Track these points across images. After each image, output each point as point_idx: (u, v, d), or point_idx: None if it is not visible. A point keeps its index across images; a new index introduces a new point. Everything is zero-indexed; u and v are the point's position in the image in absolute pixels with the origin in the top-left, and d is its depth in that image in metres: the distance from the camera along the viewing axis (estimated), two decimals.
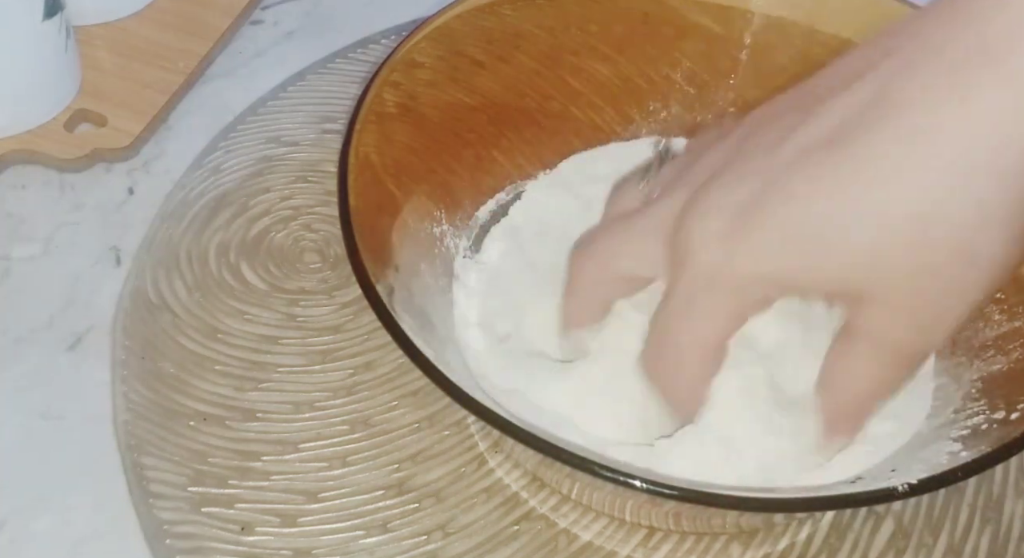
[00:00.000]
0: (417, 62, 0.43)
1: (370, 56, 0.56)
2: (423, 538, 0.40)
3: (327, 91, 0.54)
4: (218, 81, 0.56)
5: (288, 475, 0.41)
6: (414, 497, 0.41)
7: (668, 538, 0.40)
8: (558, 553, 0.40)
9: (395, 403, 0.43)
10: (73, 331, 0.46)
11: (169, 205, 0.50)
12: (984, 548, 0.41)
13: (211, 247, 0.48)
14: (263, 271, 0.47)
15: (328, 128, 0.52)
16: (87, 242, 0.49)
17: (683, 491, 0.32)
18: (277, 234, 0.49)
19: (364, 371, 0.44)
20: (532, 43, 0.46)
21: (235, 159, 0.51)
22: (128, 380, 0.44)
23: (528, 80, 0.46)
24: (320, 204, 0.50)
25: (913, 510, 0.41)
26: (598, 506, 0.40)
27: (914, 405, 0.40)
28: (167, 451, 0.42)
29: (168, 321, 0.45)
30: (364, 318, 0.46)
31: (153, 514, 0.40)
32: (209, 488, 0.41)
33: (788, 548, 0.40)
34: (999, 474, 0.43)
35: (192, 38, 0.56)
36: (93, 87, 0.53)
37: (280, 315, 0.46)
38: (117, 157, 0.52)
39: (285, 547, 0.40)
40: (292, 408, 0.43)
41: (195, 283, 0.47)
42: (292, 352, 0.45)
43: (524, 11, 0.45)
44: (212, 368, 0.44)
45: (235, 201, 0.50)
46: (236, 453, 0.42)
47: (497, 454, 0.42)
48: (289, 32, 0.59)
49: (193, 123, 0.54)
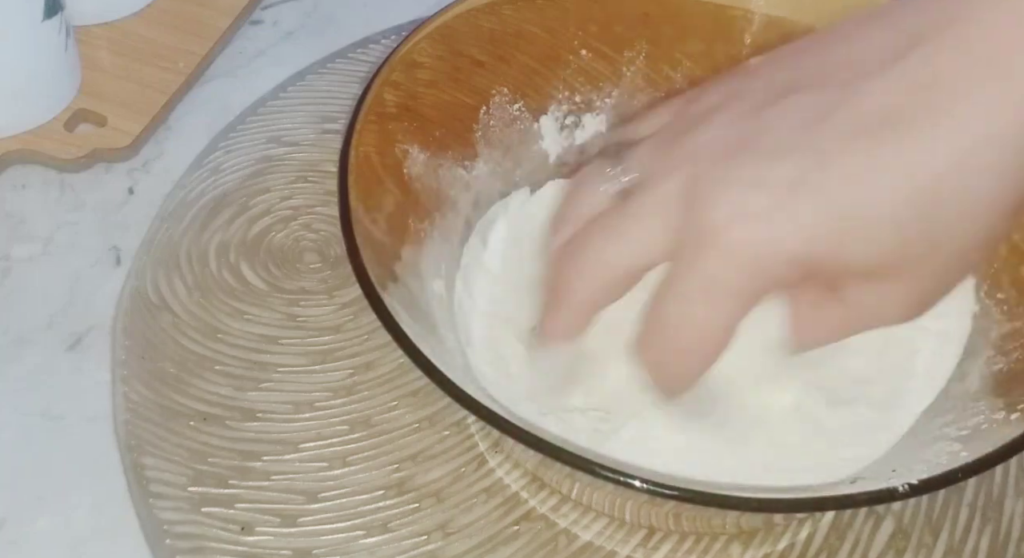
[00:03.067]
0: (417, 62, 0.43)
1: (370, 56, 0.56)
2: (423, 538, 0.40)
3: (327, 91, 0.54)
4: (218, 81, 0.56)
5: (288, 475, 0.41)
6: (414, 497, 0.41)
7: (668, 538, 0.40)
8: (558, 553, 0.40)
9: (395, 403, 0.43)
10: (73, 331, 0.46)
11: (169, 205, 0.50)
12: (984, 548, 0.41)
13: (211, 247, 0.48)
14: (263, 271, 0.47)
15: (328, 128, 0.52)
16: (87, 242, 0.49)
17: (683, 491, 0.32)
18: (277, 234, 0.49)
19: (364, 371, 0.44)
20: (532, 43, 0.46)
21: (235, 159, 0.51)
22: (128, 380, 0.44)
23: (528, 80, 0.46)
24: (320, 204, 0.50)
25: (913, 510, 0.41)
26: (598, 506, 0.40)
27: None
28: (167, 451, 0.42)
29: (168, 321, 0.45)
30: (364, 318, 0.46)
31: (153, 514, 0.40)
32: (209, 488, 0.41)
33: (788, 548, 0.40)
34: (999, 474, 0.43)
35: (192, 38, 0.56)
36: (93, 87, 0.53)
37: (280, 315, 0.46)
38: (117, 157, 0.52)
39: (285, 547, 0.40)
40: (292, 408, 0.43)
41: (195, 283, 0.47)
42: (292, 352, 0.45)
43: (524, 11, 0.45)
44: (212, 368, 0.44)
45: (235, 201, 0.50)
46: (236, 453, 0.42)
47: (497, 454, 0.42)
48: (289, 32, 0.59)
49: (193, 123, 0.54)
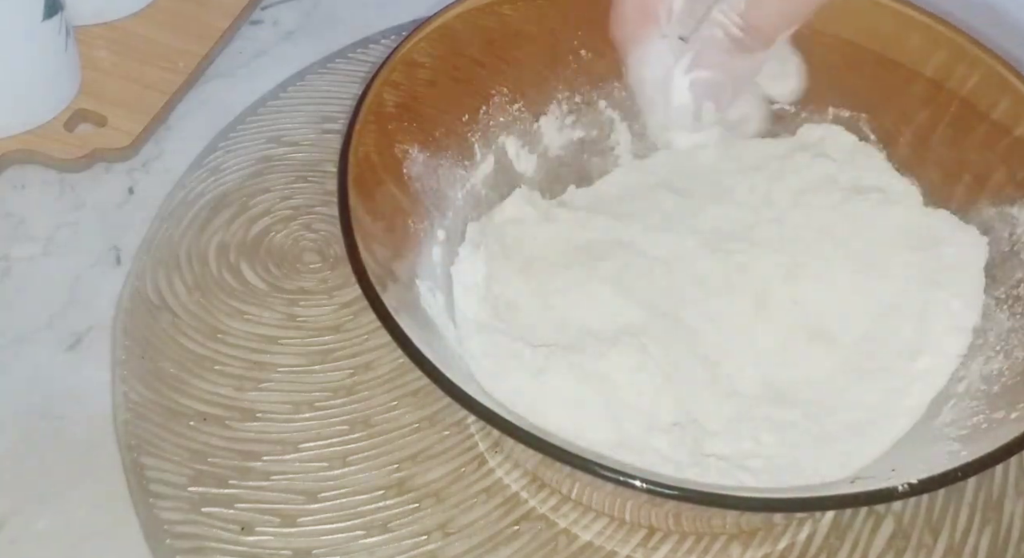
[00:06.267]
0: (417, 62, 0.43)
1: (370, 56, 0.56)
2: (423, 538, 0.40)
3: (327, 91, 0.54)
4: (218, 81, 0.56)
5: (288, 475, 0.41)
6: (414, 497, 0.41)
7: (668, 538, 0.40)
8: (558, 553, 0.40)
9: (395, 403, 0.43)
10: (73, 331, 0.46)
11: (169, 205, 0.50)
12: (984, 548, 0.41)
13: (211, 247, 0.48)
14: (263, 271, 0.47)
15: (328, 128, 0.52)
16: (87, 242, 0.49)
17: (683, 491, 0.32)
18: (277, 234, 0.49)
19: (364, 371, 0.44)
20: (532, 43, 0.46)
21: (235, 159, 0.51)
22: (128, 380, 0.44)
23: (528, 80, 0.46)
24: (320, 204, 0.50)
25: (913, 510, 0.41)
26: (598, 506, 0.40)
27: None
28: (167, 451, 0.42)
29: (168, 321, 0.45)
30: (364, 318, 0.46)
31: (153, 514, 0.40)
32: (209, 488, 0.41)
33: (788, 548, 0.40)
34: (999, 474, 0.43)
35: (192, 38, 0.56)
36: (93, 87, 0.53)
37: (280, 315, 0.46)
38: (117, 157, 0.52)
39: (285, 547, 0.40)
40: (292, 408, 0.43)
41: (195, 283, 0.47)
42: (292, 352, 0.45)
43: (524, 11, 0.45)
44: (212, 368, 0.44)
45: (235, 201, 0.50)
46: (236, 453, 0.42)
47: (497, 454, 0.42)
48: (289, 32, 0.59)
49: (193, 123, 0.54)
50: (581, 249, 0.44)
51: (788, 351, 0.41)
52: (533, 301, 0.43)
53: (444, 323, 0.40)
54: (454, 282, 0.43)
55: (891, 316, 0.42)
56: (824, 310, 0.42)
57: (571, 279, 0.43)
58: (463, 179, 0.44)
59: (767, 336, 0.42)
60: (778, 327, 0.42)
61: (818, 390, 0.41)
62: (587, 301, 0.42)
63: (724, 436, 0.39)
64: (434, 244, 0.42)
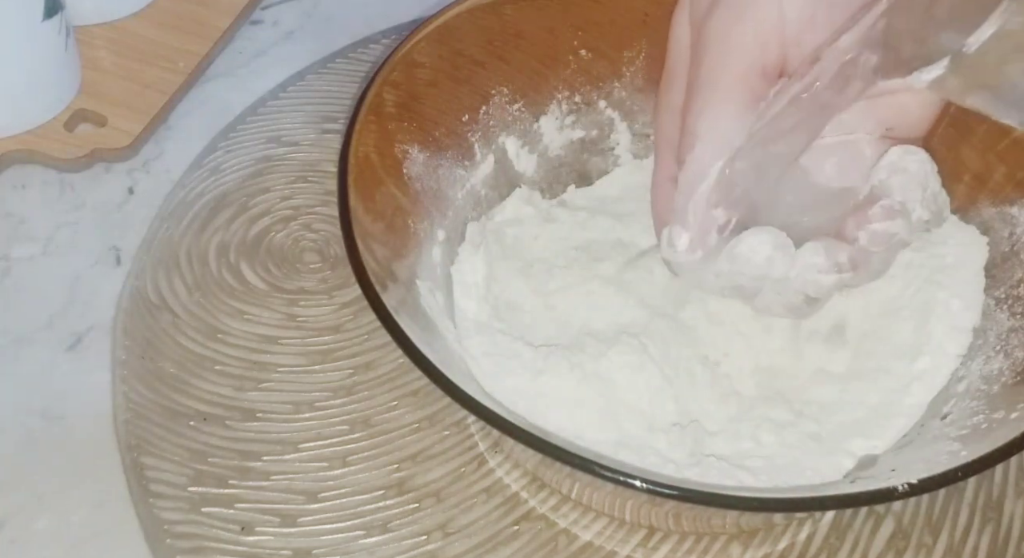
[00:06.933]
0: (417, 62, 0.43)
1: (370, 56, 0.56)
2: (423, 538, 0.40)
3: (327, 91, 0.54)
4: (218, 81, 0.56)
5: (288, 475, 0.41)
6: (414, 497, 0.41)
7: (668, 538, 0.40)
8: (558, 553, 0.40)
9: (395, 403, 0.43)
10: (73, 331, 0.46)
11: (169, 205, 0.50)
12: (984, 548, 0.41)
13: (211, 247, 0.48)
14: (263, 271, 0.47)
15: (328, 128, 0.52)
16: (87, 242, 0.49)
17: (683, 491, 0.32)
18: (277, 234, 0.49)
19: (364, 371, 0.44)
20: (532, 43, 0.46)
21: (235, 159, 0.51)
22: (128, 380, 0.44)
23: (528, 80, 0.46)
24: (320, 204, 0.50)
25: (913, 510, 0.41)
26: (598, 506, 0.40)
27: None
28: (167, 451, 0.42)
29: (168, 321, 0.45)
30: (364, 318, 0.46)
31: (153, 514, 0.40)
32: (209, 488, 0.41)
33: (788, 548, 0.40)
34: (999, 474, 0.43)
35: (192, 38, 0.56)
36: (93, 87, 0.53)
37: (280, 315, 0.46)
38: (117, 157, 0.52)
39: (285, 547, 0.40)
40: (292, 408, 0.43)
41: (195, 283, 0.47)
42: (292, 352, 0.45)
43: (524, 11, 0.45)
44: (212, 368, 0.44)
45: (235, 201, 0.50)
46: (236, 453, 0.42)
47: (497, 454, 0.42)
48: (289, 32, 0.59)
49: (193, 123, 0.54)
50: (581, 249, 0.44)
51: (788, 351, 0.41)
52: (533, 301, 0.43)
53: (444, 323, 0.40)
54: (454, 282, 0.43)
55: (891, 316, 0.42)
56: (824, 310, 0.42)
57: (571, 279, 0.43)
58: (463, 179, 0.44)
59: (767, 336, 0.41)
60: (778, 327, 0.42)
61: (818, 390, 0.41)
62: (587, 301, 0.42)
63: (724, 436, 0.39)
64: (434, 244, 0.42)
